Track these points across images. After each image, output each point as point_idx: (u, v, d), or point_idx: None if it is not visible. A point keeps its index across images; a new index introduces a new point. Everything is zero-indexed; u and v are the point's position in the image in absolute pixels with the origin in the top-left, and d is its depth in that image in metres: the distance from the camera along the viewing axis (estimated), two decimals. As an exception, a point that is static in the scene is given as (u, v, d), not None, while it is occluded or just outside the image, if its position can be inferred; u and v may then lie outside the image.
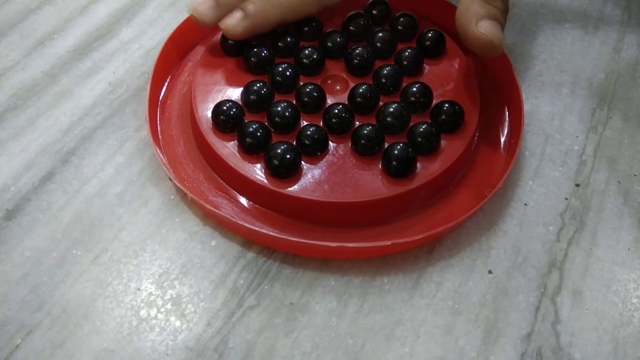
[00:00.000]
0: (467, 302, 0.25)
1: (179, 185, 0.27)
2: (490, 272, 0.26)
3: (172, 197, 0.28)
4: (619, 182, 0.30)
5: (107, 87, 0.33)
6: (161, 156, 0.28)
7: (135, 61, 0.34)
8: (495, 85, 0.33)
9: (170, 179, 0.28)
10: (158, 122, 0.30)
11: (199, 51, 0.33)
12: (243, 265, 0.26)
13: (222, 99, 0.29)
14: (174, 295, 0.25)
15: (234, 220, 0.26)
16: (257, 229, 0.26)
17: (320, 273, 0.26)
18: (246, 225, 0.26)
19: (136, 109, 0.32)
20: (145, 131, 0.30)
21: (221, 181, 0.28)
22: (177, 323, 0.24)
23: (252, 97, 0.29)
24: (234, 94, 0.30)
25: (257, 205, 0.28)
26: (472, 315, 0.25)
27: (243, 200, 0.28)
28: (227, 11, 0.30)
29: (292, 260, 0.26)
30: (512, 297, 0.26)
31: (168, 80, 0.32)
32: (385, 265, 0.26)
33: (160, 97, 0.32)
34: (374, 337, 0.24)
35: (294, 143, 0.28)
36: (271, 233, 0.26)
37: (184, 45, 0.33)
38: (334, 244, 0.25)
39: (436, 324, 0.25)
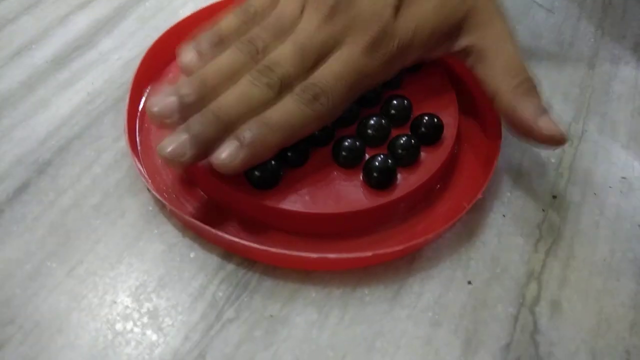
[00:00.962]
0: (447, 313, 0.25)
1: (157, 196, 0.26)
2: (469, 282, 0.26)
3: (150, 208, 0.28)
4: (595, 194, 0.30)
5: (85, 98, 0.32)
6: (139, 167, 0.28)
7: (114, 72, 0.34)
8: (473, 99, 0.33)
9: (148, 189, 0.27)
10: (137, 132, 0.30)
11: (180, 62, 0.33)
12: (222, 278, 0.26)
13: None
14: (151, 309, 0.25)
15: (213, 231, 0.26)
16: (237, 240, 0.25)
17: (301, 285, 0.26)
18: (226, 236, 0.25)
19: (114, 119, 0.31)
20: (124, 142, 0.29)
21: (201, 192, 0.28)
22: (154, 337, 0.24)
23: None
24: None
25: (237, 217, 0.27)
26: (452, 325, 0.25)
27: (223, 212, 0.27)
28: (209, 146, 0.25)
29: (272, 272, 0.26)
30: (491, 308, 0.26)
31: (148, 91, 0.32)
32: (366, 277, 0.26)
33: (140, 108, 0.31)
34: (354, 349, 0.24)
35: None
36: (251, 244, 0.25)
37: (164, 57, 0.33)
38: (314, 255, 0.25)
39: (416, 334, 0.25)
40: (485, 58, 0.29)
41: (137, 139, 0.30)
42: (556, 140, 0.27)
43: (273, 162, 0.26)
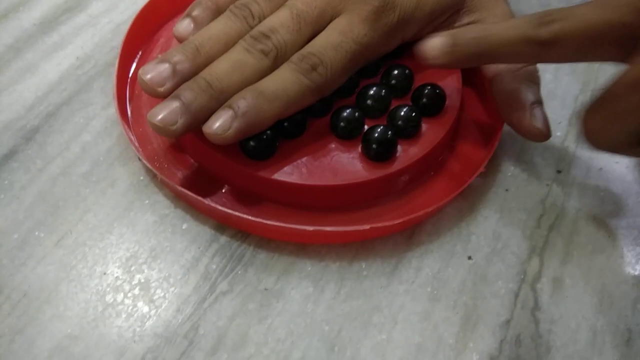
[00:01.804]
0: (446, 288, 0.25)
1: (148, 165, 0.25)
2: (469, 258, 0.26)
3: (142, 178, 0.27)
4: (601, 169, 0.29)
5: (74, 62, 0.31)
6: (130, 135, 0.27)
7: (104, 36, 0.32)
8: (477, 69, 0.32)
9: (139, 159, 0.27)
10: (127, 99, 0.29)
11: (172, 27, 0.32)
12: (216, 250, 0.25)
13: None
14: (142, 280, 0.24)
15: (206, 202, 0.25)
16: (231, 212, 0.25)
17: (297, 258, 0.25)
18: (219, 208, 0.25)
19: (104, 85, 0.30)
20: (114, 109, 0.28)
21: (194, 162, 0.27)
22: (145, 309, 0.23)
23: None
24: None
25: (231, 188, 0.26)
26: (450, 301, 0.24)
27: (217, 182, 0.27)
28: (202, 114, 0.24)
29: (267, 244, 0.25)
30: (491, 284, 0.25)
31: (139, 56, 0.31)
32: (364, 251, 0.26)
33: (130, 74, 0.30)
34: (350, 324, 0.24)
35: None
36: (245, 216, 0.25)
37: (155, 20, 0.32)
38: (310, 228, 0.24)
39: (414, 310, 0.24)
40: None
41: (128, 106, 0.29)
42: (541, 135, 0.27)
43: (269, 132, 0.25)
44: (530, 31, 0.24)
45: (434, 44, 0.26)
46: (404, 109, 0.27)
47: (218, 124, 0.24)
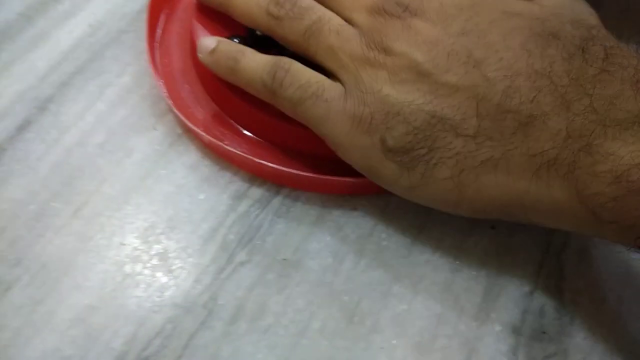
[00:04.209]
0: (468, 259, 0.24)
1: (182, 118, 0.25)
2: (492, 227, 0.25)
3: (157, 147, 0.27)
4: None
5: (86, 30, 0.30)
6: (163, 89, 0.27)
7: (116, 2, 0.32)
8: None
9: (171, 109, 0.26)
10: (156, 55, 0.29)
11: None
12: (233, 220, 0.25)
13: (229, 35, 0.27)
14: (161, 250, 0.24)
15: (239, 153, 0.25)
16: (265, 162, 0.25)
17: (315, 228, 0.25)
18: (254, 159, 0.25)
19: (118, 53, 0.29)
20: (127, 77, 0.28)
21: (225, 116, 0.27)
22: (164, 279, 0.23)
23: (258, 31, 0.27)
24: (241, 30, 0.28)
25: (264, 141, 0.26)
26: (472, 271, 0.24)
27: (249, 135, 0.27)
28: None
29: (285, 214, 0.25)
30: (514, 254, 0.25)
31: (163, 17, 0.30)
32: (384, 221, 0.25)
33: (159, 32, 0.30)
34: (370, 294, 0.23)
35: None
36: (279, 167, 0.25)
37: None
38: (344, 179, 0.24)
39: (435, 280, 0.24)
40: None
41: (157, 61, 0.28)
42: None
43: None
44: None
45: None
46: None
47: None
